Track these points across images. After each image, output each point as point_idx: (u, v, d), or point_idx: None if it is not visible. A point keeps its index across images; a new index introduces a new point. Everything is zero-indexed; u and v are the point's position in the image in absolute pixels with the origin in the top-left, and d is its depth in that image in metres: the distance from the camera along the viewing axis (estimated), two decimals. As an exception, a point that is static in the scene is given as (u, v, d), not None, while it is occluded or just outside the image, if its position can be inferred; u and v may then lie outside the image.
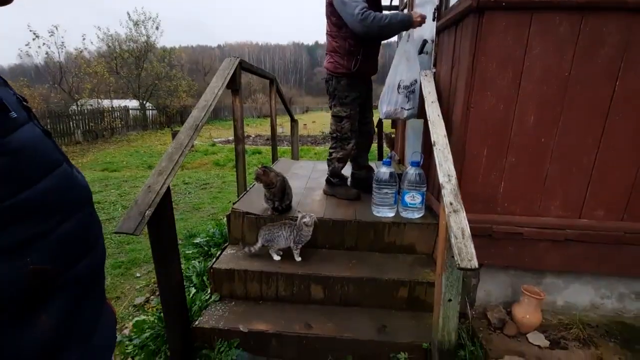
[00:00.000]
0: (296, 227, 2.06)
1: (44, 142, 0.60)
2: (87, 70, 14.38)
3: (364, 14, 2.00)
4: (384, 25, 2.02)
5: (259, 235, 2.12)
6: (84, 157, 9.58)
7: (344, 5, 2.07)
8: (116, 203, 4.75)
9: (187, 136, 1.81)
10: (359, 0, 2.04)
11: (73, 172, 0.65)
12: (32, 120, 0.60)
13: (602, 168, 1.80)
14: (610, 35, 1.61)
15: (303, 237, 2.07)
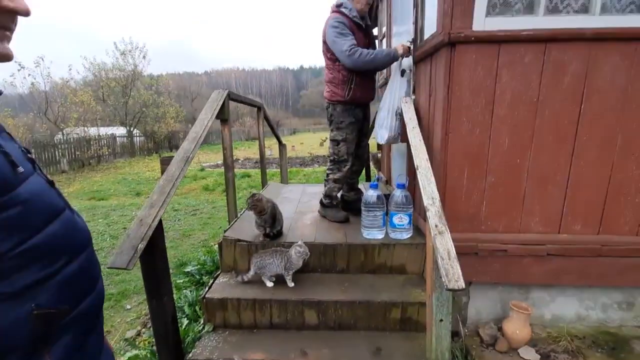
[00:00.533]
0: (287, 254, 2.09)
1: (48, 191, 0.64)
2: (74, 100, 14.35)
3: (352, 50, 2.26)
4: (369, 59, 2.27)
5: (251, 263, 2.14)
6: (70, 186, 9.42)
7: (335, 43, 2.32)
8: (104, 233, 4.68)
9: (178, 168, 1.85)
10: (347, 38, 2.29)
11: (74, 216, 0.69)
12: (37, 171, 0.64)
13: (576, 185, 1.91)
14: (572, 63, 1.76)
15: (293, 265, 2.09)
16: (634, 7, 1.76)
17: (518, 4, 1.78)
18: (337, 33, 2.30)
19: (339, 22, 2.31)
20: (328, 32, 2.36)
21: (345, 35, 2.29)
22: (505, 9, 1.78)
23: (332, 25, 2.32)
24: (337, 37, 2.29)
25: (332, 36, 2.32)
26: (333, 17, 2.36)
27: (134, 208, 6.07)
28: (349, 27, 2.32)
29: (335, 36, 2.30)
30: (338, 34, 2.29)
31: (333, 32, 2.31)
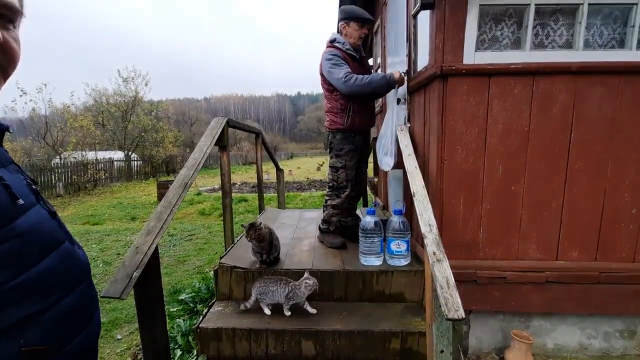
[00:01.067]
0: (293, 285, 2.05)
1: (48, 223, 0.64)
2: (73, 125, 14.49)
3: (347, 77, 2.35)
4: (365, 83, 2.34)
5: (253, 288, 2.09)
6: (65, 210, 9.32)
7: (331, 73, 2.43)
8: (97, 259, 4.59)
9: (176, 195, 1.86)
10: (342, 67, 2.40)
11: (74, 248, 0.69)
12: (39, 202, 0.65)
13: (570, 211, 1.94)
14: (560, 95, 1.83)
15: (297, 296, 2.05)
16: (615, 42, 1.87)
17: (505, 39, 1.87)
18: (331, 64, 2.42)
19: (333, 55, 2.43)
20: (324, 64, 2.48)
21: (339, 65, 2.40)
22: (493, 44, 1.88)
23: (327, 58, 2.44)
24: (332, 67, 2.41)
25: (328, 67, 2.44)
26: (327, 51, 2.49)
27: (128, 233, 5.99)
28: (343, 59, 2.44)
29: (330, 67, 2.42)
30: (333, 65, 2.41)
31: (328, 64, 2.43)
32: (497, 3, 1.83)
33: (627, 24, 1.84)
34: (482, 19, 1.85)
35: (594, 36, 1.87)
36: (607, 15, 1.86)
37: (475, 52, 1.82)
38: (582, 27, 1.80)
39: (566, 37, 1.86)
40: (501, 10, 1.86)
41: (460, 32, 1.79)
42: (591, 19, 1.84)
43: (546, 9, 1.84)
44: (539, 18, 1.85)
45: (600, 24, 1.86)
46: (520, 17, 1.86)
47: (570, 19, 1.85)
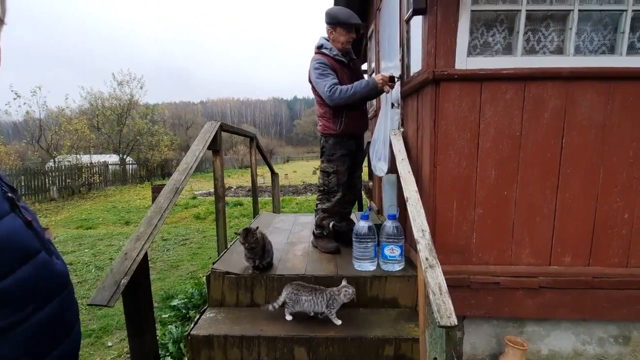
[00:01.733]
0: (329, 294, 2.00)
1: (23, 233, 0.62)
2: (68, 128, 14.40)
3: (332, 89, 2.32)
4: (349, 95, 2.31)
5: (284, 290, 2.04)
6: (59, 214, 9.23)
7: (317, 84, 2.41)
8: (89, 264, 4.53)
9: (167, 199, 1.83)
10: (328, 78, 2.36)
11: (51, 259, 0.66)
12: (14, 211, 0.63)
13: (563, 216, 1.94)
14: (551, 100, 1.84)
15: (337, 303, 1.99)
16: (605, 48, 1.88)
17: (497, 45, 1.88)
18: (318, 74, 2.38)
19: (320, 64, 2.38)
20: (311, 73, 2.45)
21: (326, 76, 2.36)
22: (485, 50, 1.89)
23: (314, 67, 2.41)
24: (319, 78, 2.37)
25: (315, 77, 2.41)
26: (315, 59, 2.44)
27: (122, 237, 5.93)
28: (330, 67, 2.39)
29: (317, 77, 2.38)
30: (319, 75, 2.37)
31: (315, 74, 2.40)
32: (488, 9, 1.84)
33: (617, 30, 1.85)
34: (474, 25, 1.86)
35: (585, 42, 1.88)
36: (597, 22, 1.87)
37: (467, 57, 1.83)
38: (572, 33, 1.82)
39: (557, 42, 1.87)
40: (492, 16, 1.87)
41: (452, 37, 1.79)
42: (581, 25, 1.86)
43: (537, 15, 1.85)
44: (530, 24, 1.86)
45: (591, 30, 1.88)
46: (512, 22, 1.87)
47: (561, 25, 1.86)
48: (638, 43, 1.86)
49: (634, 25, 1.85)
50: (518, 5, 1.81)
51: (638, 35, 1.86)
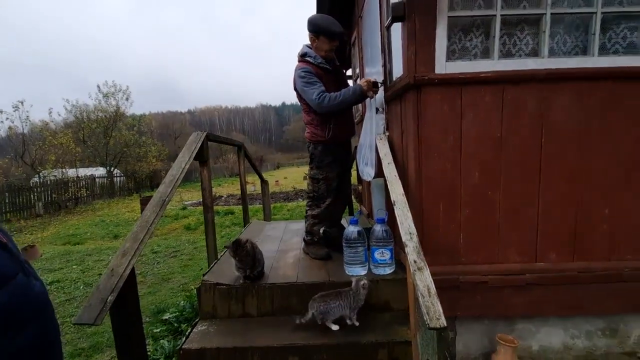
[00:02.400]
0: (353, 292, 1.99)
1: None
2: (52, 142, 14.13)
3: (320, 97, 2.33)
4: (338, 102, 2.33)
5: (310, 307, 2.00)
6: (45, 230, 9.01)
7: (304, 92, 2.41)
8: (78, 280, 4.43)
9: (154, 213, 1.82)
10: (315, 86, 2.36)
11: (29, 281, 0.66)
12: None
13: (546, 214, 1.98)
14: (529, 101, 1.89)
15: (360, 301, 2.00)
16: (578, 50, 1.95)
17: (475, 49, 1.93)
18: (304, 82, 2.38)
19: (306, 72, 2.39)
20: (297, 82, 2.45)
21: (312, 84, 2.36)
22: (463, 54, 1.93)
23: (300, 75, 2.41)
24: (305, 86, 2.38)
25: (301, 86, 2.41)
26: (300, 67, 2.44)
27: (110, 252, 5.82)
28: (315, 74, 2.40)
29: (304, 85, 2.39)
30: (306, 84, 2.38)
31: (301, 82, 2.40)
32: (465, 14, 1.88)
33: (588, 32, 1.92)
34: (452, 30, 1.90)
35: (559, 44, 1.94)
36: (569, 24, 1.94)
37: (446, 62, 1.87)
38: (546, 35, 1.87)
39: (532, 45, 1.93)
40: (469, 22, 1.92)
41: (431, 43, 1.83)
42: (555, 27, 1.92)
43: (512, 19, 1.91)
44: (505, 28, 1.91)
45: (564, 32, 1.94)
46: (488, 27, 1.92)
47: (535, 28, 1.92)
48: (609, 44, 1.93)
49: (604, 26, 1.92)
50: (493, 10, 1.87)
51: (608, 36, 1.93)
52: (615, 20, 1.93)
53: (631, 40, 1.93)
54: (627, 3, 1.90)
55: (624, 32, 1.92)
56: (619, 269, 1.99)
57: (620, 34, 1.93)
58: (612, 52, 1.94)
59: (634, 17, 1.92)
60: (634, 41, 1.92)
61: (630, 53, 1.92)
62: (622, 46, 1.94)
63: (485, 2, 1.89)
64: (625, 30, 1.92)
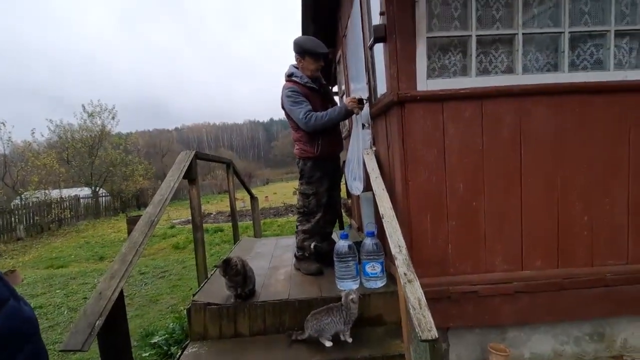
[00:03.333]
0: (344, 307, 1.98)
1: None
2: (35, 163, 13.81)
3: (307, 117, 2.41)
4: (324, 121, 2.42)
5: (306, 328, 1.99)
6: (26, 254, 8.70)
7: (292, 112, 2.49)
8: (61, 305, 4.28)
9: (142, 234, 1.80)
10: (302, 105, 2.44)
11: (20, 305, 0.66)
12: None
13: (529, 222, 2.05)
14: (507, 115, 1.99)
15: (352, 315, 1.98)
16: (550, 66, 2.06)
17: (453, 67, 2.03)
18: (291, 102, 2.46)
19: (292, 92, 2.47)
20: (284, 101, 2.52)
21: (299, 104, 2.44)
22: (443, 72, 2.03)
23: (287, 95, 2.48)
24: (293, 105, 2.45)
25: (289, 105, 2.48)
26: (287, 87, 2.52)
27: (96, 275, 5.65)
28: (302, 94, 2.47)
29: (291, 105, 2.46)
30: (293, 103, 2.45)
31: (288, 102, 2.48)
32: (442, 35, 1.99)
33: (558, 50, 2.04)
34: (431, 50, 2.00)
35: (531, 61, 2.05)
36: (540, 43, 2.06)
37: (427, 79, 1.95)
38: (519, 54, 1.99)
39: (507, 63, 2.03)
40: (447, 41, 2.02)
41: (412, 62, 1.92)
42: (527, 46, 2.04)
43: (486, 39, 2.02)
44: (481, 47, 2.02)
45: (536, 51, 2.06)
46: (465, 46, 2.03)
47: (508, 47, 2.03)
48: (577, 60, 2.06)
49: (573, 44, 2.05)
50: (469, 31, 1.97)
51: (577, 54, 2.06)
52: (582, 39, 2.06)
53: (597, 57, 2.06)
54: (592, 23, 2.03)
55: (591, 49, 2.06)
56: (602, 274, 2.05)
57: (588, 51, 2.06)
58: (581, 68, 2.06)
59: (599, 35, 2.05)
60: (600, 58, 2.06)
61: (597, 69, 2.05)
62: (589, 62, 2.06)
63: (461, 23, 2.00)
64: (591, 47, 2.06)
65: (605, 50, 2.05)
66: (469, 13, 1.97)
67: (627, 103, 2.00)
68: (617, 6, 2.03)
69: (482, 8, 1.99)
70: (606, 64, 2.05)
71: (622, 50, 2.08)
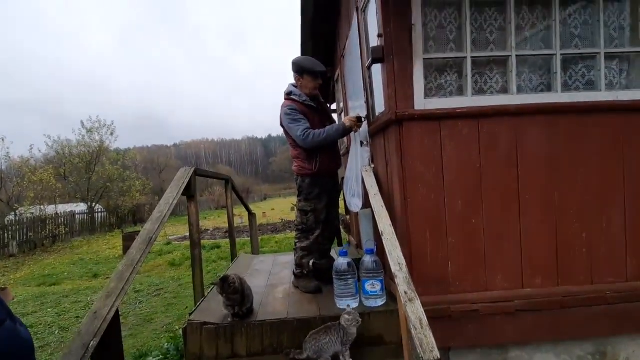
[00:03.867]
0: (341, 327, 1.94)
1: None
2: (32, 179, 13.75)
3: (305, 134, 2.44)
4: (322, 139, 2.45)
5: (305, 349, 1.95)
6: (18, 271, 8.54)
7: (290, 129, 2.52)
8: (53, 325, 4.17)
9: (140, 251, 1.79)
10: (300, 123, 2.47)
11: (16, 327, 0.65)
12: None
13: (528, 240, 2.05)
14: (503, 134, 2.02)
15: (350, 335, 1.94)
16: (544, 87, 2.12)
17: (450, 87, 2.08)
18: (290, 120, 2.50)
19: (291, 110, 2.51)
20: (283, 119, 2.56)
21: (298, 121, 2.48)
22: (439, 91, 2.08)
23: (286, 112, 2.53)
24: (291, 123, 2.49)
25: (287, 123, 2.52)
26: (286, 105, 2.56)
27: (89, 293, 5.54)
28: (300, 112, 2.52)
29: (289, 123, 2.50)
30: (292, 121, 2.49)
31: (287, 119, 2.52)
32: (438, 57, 2.05)
33: (551, 71, 2.10)
34: (428, 70, 2.05)
35: (525, 82, 2.11)
36: (533, 64, 2.13)
37: (425, 99, 2.00)
38: (513, 75, 2.04)
39: (502, 83, 2.09)
40: (443, 63, 2.08)
41: (409, 82, 1.97)
42: (520, 67, 2.10)
43: (481, 60, 2.08)
44: (476, 68, 2.08)
45: (529, 72, 2.12)
46: (460, 67, 2.08)
47: (503, 68, 2.09)
48: (570, 81, 2.12)
49: (565, 66, 2.11)
50: (464, 53, 2.03)
51: (569, 75, 2.12)
52: (574, 61, 2.13)
53: (589, 78, 2.12)
54: (582, 45, 2.11)
55: (582, 70, 2.12)
56: (602, 292, 2.04)
57: (579, 73, 2.12)
58: (573, 88, 2.12)
59: (590, 57, 2.12)
60: (591, 79, 2.12)
61: (589, 89, 2.11)
62: (582, 83, 2.13)
63: (457, 45, 2.07)
64: (583, 69, 2.12)
65: (596, 72, 2.12)
66: (464, 36, 2.04)
67: (619, 123, 2.05)
68: (606, 30, 2.11)
69: (476, 31, 2.06)
70: (598, 84, 2.11)
71: (613, 71, 2.15)
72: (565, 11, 2.10)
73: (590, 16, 2.11)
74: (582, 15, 2.11)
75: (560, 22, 2.07)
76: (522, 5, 2.08)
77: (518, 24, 2.07)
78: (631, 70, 2.17)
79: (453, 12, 2.06)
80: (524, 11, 2.09)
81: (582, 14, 2.11)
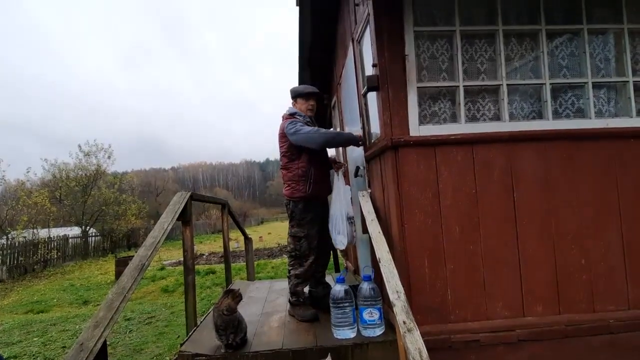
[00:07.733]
0: None
1: None
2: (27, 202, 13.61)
3: (317, 129, 2.55)
4: (335, 134, 2.73)
5: None
6: (6, 298, 8.27)
7: (298, 132, 2.50)
8: (37, 355, 3.98)
9: (131, 278, 1.74)
10: (307, 127, 2.55)
11: None
12: None
13: (527, 266, 2.03)
14: (497, 159, 2.05)
15: None
16: (535, 114, 2.17)
17: (443, 114, 2.13)
18: (298, 127, 2.50)
19: (295, 122, 2.55)
20: (287, 130, 2.55)
21: (304, 126, 2.53)
22: (433, 118, 2.12)
23: (290, 124, 2.54)
24: (299, 129, 2.49)
25: (293, 130, 2.51)
26: (289, 121, 2.59)
27: (78, 320, 5.34)
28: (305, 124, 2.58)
29: (297, 130, 2.49)
30: (299, 127, 2.50)
31: (293, 127, 2.51)
32: (432, 85, 2.11)
33: (541, 99, 2.16)
34: (421, 98, 2.10)
35: (517, 109, 2.16)
36: (524, 93, 2.19)
37: (419, 125, 2.03)
38: (505, 103, 2.10)
39: (494, 111, 2.14)
40: (436, 91, 2.14)
41: (404, 109, 2.01)
42: (511, 96, 2.16)
43: (473, 89, 2.14)
44: (468, 96, 2.14)
45: (520, 100, 2.18)
46: (453, 95, 2.14)
47: (494, 97, 2.15)
48: (560, 109, 2.18)
49: (555, 94, 2.18)
50: (456, 82, 2.10)
51: (559, 103, 2.18)
52: (563, 89, 2.20)
53: (579, 106, 2.18)
54: (570, 75, 2.18)
55: (572, 99, 2.18)
56: (605, 320, 2.00)
57: (569, 101, 2.18)
58: (564, 116, 2.18)
59: (578, 86, 2.19)
60: (581, 107, 2.18)
61: (579, 117, 2.17)
62: (572, 111, 2.18)
63: (449, 75, 2.14)
64: (572, 97, 2.19)
65: (585, 100, 2.18)
66: (455, 65, 2.11)
67: (611, 149, 2.09)
68: (592, 60, 2.19)
69: (467, 62, 2.13)
70: (587, 112, 2.17)
71: (602, 100, 2.21)
72: (552, 43, 2.19)
73: (577, 48, 2.20)
74: (569, 47, 2.20)
75: (548, 54, 2.15)
76: (511, 37, 2.17)
77: (507, 55, 2.16)
78: (619, 98, 2.24)
79: (444, 44, 2.14)
80: (513, 43, 2.17)
81: (568, 46, 2.20)
